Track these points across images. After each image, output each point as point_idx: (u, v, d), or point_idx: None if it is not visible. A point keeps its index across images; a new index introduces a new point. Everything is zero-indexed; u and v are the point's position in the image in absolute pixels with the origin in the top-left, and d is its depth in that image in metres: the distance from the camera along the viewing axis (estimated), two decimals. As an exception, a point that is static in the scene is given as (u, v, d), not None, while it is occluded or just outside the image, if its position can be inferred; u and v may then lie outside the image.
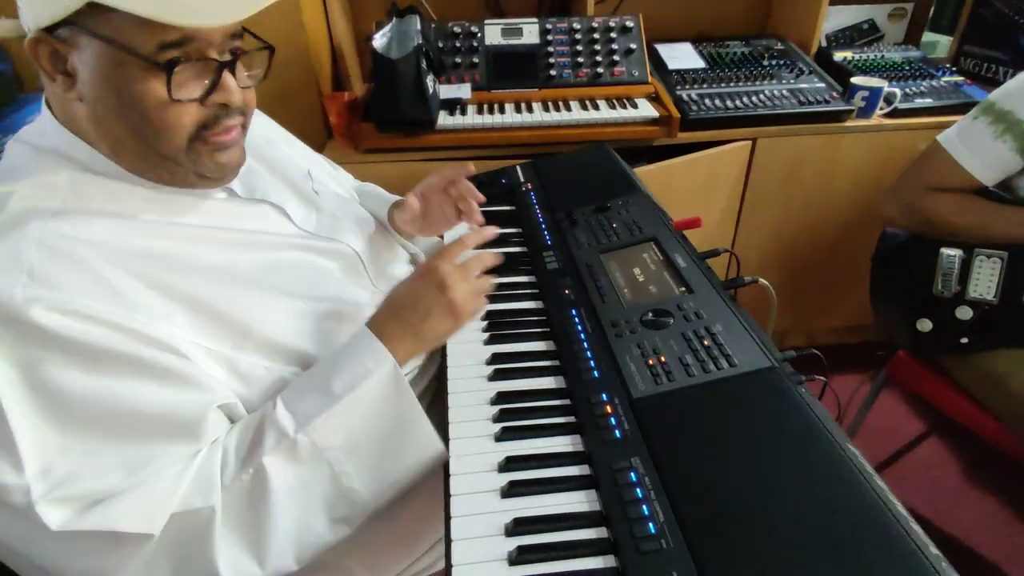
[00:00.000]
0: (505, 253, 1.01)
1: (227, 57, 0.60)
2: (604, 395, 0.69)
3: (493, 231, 0.80)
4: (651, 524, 0.54)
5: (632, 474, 0.59)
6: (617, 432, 0.64)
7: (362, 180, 1.09)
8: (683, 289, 0.83)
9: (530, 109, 1.49)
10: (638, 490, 0.58)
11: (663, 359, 0.72)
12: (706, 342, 0.73)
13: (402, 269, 0.91)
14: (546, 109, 1.49)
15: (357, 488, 0.63)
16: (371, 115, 1.41)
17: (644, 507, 0.56)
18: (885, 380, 1.34)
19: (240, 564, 0.57)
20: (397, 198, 0.98)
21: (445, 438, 0.67)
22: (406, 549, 0.79)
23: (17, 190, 0.57)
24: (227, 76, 0.60)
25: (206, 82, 0.59)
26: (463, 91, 1.51)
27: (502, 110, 1.49)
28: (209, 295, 0.62)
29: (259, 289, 0.67)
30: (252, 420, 0.63)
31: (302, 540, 0.61)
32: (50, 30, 0.55)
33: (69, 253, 0.55)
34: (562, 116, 1.46)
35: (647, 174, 1.38)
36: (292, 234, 0.75)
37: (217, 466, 0.58)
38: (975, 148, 1.06)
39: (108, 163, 0.61)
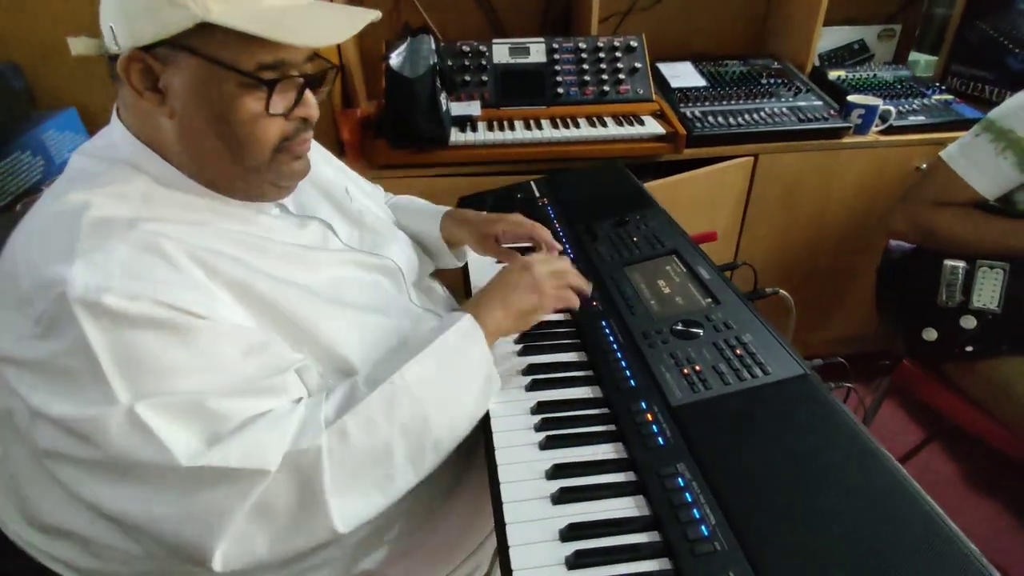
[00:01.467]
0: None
1: (310, 75, 0.64)
2: (643, 403, 0.71)
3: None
4: (703, 527, 0.56)
5: (679, 479, 0.61)
6: (660, 439, 0.66)
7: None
8: (709, 300, 0.85)
9: (539, 126, 1.53)
10: (687, 494, 0.59)
11: (698, 368, 0.74)
12: (738, 351, 0.75)
13: (431, 283, 0.93)
14: (555, 126, 1.53)
15: (437, 426, 0.65)
16: (384, 131, 1.43)
17: (695, 510, 0.58)
18: (889, 388, 1.38)
19: (360, 503, 0.60)
20: (446, 209, 1.02)
21: (490, 447, 0.68)
22: (445, 558, 0.80)
23: (94, 198, 0.58)
24: (308, 92, 0.64)
25: (291, 98, 0.63)
26: (473, 108, 1.54)
27: (512, 127, 1.52)
28: (276, 297, 0.64)
29: (318, 297, 0.69)
30: (348, 380, 0.66)
31: (382, 495, 0.63)
32: (147, 48, 0.57)
33: (155, 248, 0.57)
34: (571, 133, 1.50)
35: (655, 189, 1.42)
36: (339, 249, 0.78)
37: (320, 412, 0.61)
38: (977, 164, 1.11)
39: (178, 175, 0.63)
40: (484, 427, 0.71)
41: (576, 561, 0.55)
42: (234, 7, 0.56)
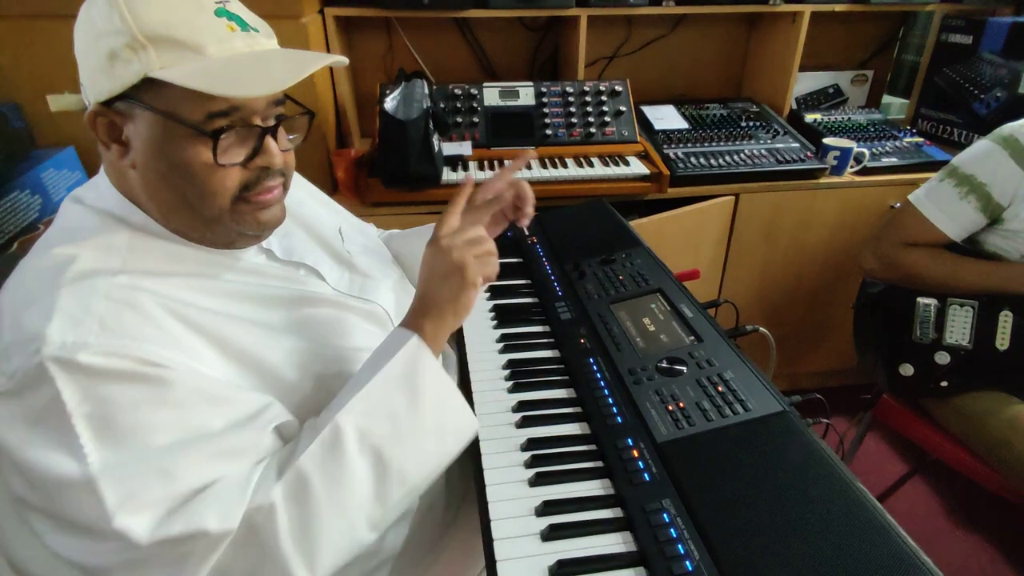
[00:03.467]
0: (518, 304, 1.07)
1: (271, 123, 0.65)
2: (629, 440, 0.73)
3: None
4: (688, 562, 0.58)
5: (665, 515, 0.63)
6: (646, 475, 0.68)
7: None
8: (692, 338, 0.88)
9: (528, 166, 1.57)
10: (672, 530, 0.61)
11: (681, 405, 0.76)
12: (720, 388, 0.78)
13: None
14: (543, 166, 1.58)
15: (408, 469, 0.63)
16: (377, 171, 1.47)
17: (679, 546, 0.60)
18: (871, 423, 1.41)
19: (326, 550, 0.58)
20: (414, 230, 1.05)
21: (481, 484, 0.70)
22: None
23: (81, 252, 0.60)
24: (269, 141, 0.64)
25: (249, 147, 0.63)
26: (464, 148, 1.59)
27: (501, 166, 1.57)
28: (254, 346, 0.66)
29: (297, 343, 0.70)
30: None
31: (349, 540, 0.61)
32: (108, 103, 0.60)
33: (133, 304, 0.59)
34: (559, 172, 1.55)
35: (640, 227, 1.46)
36: (326, 294, 0.79)
37: (274, 465, 0.60)
38: (943, 207, 1.17)
39: (156, 226, 0.65)
40: (475, 464, 0.73)
41: (565, 597, 0.57)
42: (178, 61, 0.58)
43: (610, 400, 0.80)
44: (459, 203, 0.79)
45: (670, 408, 0.76)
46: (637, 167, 1.58)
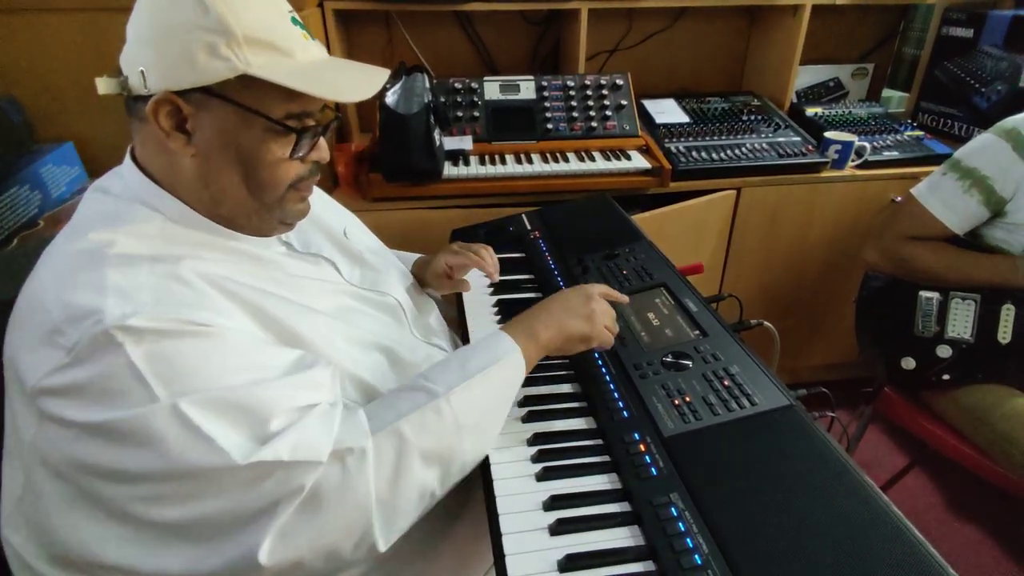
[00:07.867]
0: (521, 299, 1.07)
1: (323, 123, 0.68)
2: (636, 434, 0.73)
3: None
4: (697, 556, 0.58)
5: (673, 509, 0.63)
6: (653, 469, 0.68)
7: (370, 227, 1.14)
8: (697, 332, 0.89)
9: (529, 160, 1.57)
10: (680, 524, 0.62)
11: (688, 399, 0.76)
12: (726, 382, 0.78)
13: (436, 319, 0.95)
14: (545, 160, 1.57)
15: (468, 451, 0.68)
16: (378, 165, 1.47)
17: (688, 540, 0.60)
18: (872, 415, 1.42)
19: (399, 515, 0.62)
20: (417, 256, 1.08)
21: (487, 478, 0.70)
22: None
23: (116, 238, 0.61)
24: (322, 138, 0.69)
25: (308, 144, 0.68)
26: (465, 143, 1.58)
27: (503, 161, 1.56)
28: (293, 321, 0.67)
29: (332, 323, 0.73)
30: (395, 389, 0.70)
31: (421, 501, 0.65)
32: (180, 92, 0.60)
33: (179, 276, 0.60)
34: (560, 167, 1.54)
35: (642, 221, 1.46)
36: (343, 284, 0.82)
37: (360, 418, 0.63)
38: (945, 201, 1.17)
39: (192, 214, 0.66)
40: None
41: (575, 591, 0.57)
42: (273, 62, 0.61)
43: (616, 395, 0.80)
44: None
45: (676, 402, 0.76)
46: (639, 161, 1.58)
